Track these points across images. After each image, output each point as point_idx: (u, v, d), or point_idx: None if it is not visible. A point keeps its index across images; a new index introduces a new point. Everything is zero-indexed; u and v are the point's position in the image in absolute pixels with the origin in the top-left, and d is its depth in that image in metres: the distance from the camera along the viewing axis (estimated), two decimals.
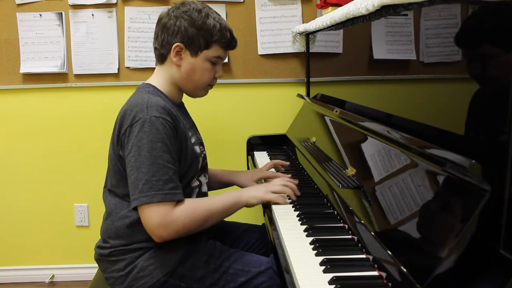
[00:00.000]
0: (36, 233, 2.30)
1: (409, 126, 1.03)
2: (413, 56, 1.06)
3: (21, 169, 2.25)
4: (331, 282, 0.82)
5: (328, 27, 1.57)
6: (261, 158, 1.87)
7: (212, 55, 1.25)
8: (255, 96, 2.22)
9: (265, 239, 1.47)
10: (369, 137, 1.17)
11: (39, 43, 2.14)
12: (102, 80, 2.17)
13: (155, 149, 1.10)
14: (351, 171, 1.17)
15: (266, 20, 2.15)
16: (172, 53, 1.23)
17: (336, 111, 1.43)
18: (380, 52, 1.27)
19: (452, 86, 0.91)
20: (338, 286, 0.80)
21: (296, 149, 1.78)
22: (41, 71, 2.15)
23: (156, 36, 1.27)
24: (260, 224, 1.55)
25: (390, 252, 0.82)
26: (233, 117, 2.23)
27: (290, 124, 2.06)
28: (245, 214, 1.55)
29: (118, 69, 2.16)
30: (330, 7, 1.78)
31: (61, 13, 2.12)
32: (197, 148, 1.29)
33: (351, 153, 1.27)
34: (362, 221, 0.97)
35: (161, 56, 1.27)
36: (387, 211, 0.91)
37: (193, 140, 1.28)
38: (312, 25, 1.74)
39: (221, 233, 1.44)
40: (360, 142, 1.22)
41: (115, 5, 2.12)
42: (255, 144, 2.03)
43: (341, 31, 1.62)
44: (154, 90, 1.24)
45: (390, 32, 1.19)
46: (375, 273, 0.85)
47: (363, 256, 0.92)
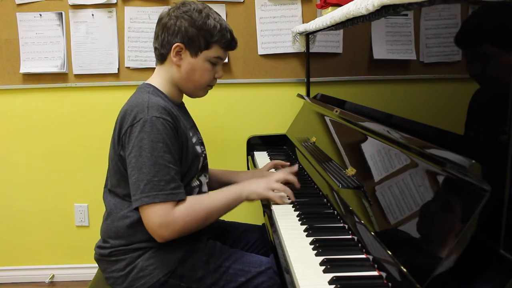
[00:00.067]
0: (36, 233, 2.30)
1: (409, 126, 1.03)
2: (413, 56, 1.06)
3: (21, 169, 2.25)
4: (331, 282, 0.82)
5: (328, 27, 1.57)
6: (261, 158, 1.87)
7: (212, 56, 1.25)
8: (255, 96, 2.22)
9: (265, 239, 1.47)
10: (369, 137, 1.17)
11: (39, 43, 2.14)
12: (102, 80, 2.17)
13: (156, 149, 1.10)
14: (351, 171, 1.17)
15: (266, 20, 2.15)
16: (172, 53, 1.23)
17: (336, 111, 1.43)
18: (380, 52, 1.27)
19: (452, 86, 0.91)
20: (338, 286, 0.80)
21: (296, 149, 1.78)
22: (41, 71, 2.15)
23: (156, 36, 1.27)
24: (260, 224, 1.55)
25: (390, 252, 0.82)
26: (233, 117, 2.23)
27: (290, 124, 2.06)
28: (245, 214, 1.55)
29: (118, 69, 2.16)
30: (330, 7, 1.78)
31: (61, 13, 2.12)
32: (198, 148, 1.29)
33: (351, 153, 1.27)
34: (362, 221, 0.97)
35: (161, 56, 1.27)
36: (387, 211, 0.91)
37: (194, 140, 1.28)
38: (312, 25, 1.74)
39: (221, 233, 1.44)
40: (360, 142, 1.22)
41: (115, 5, 2.12)
42: (255, 144, 2.03)
43: (341, 31, 1.62)
44: (154, 90, 1.24)
45: (390, 32, 1.19)
46: (375, 273, 0.85)
47: (363, 256, 0.92)
